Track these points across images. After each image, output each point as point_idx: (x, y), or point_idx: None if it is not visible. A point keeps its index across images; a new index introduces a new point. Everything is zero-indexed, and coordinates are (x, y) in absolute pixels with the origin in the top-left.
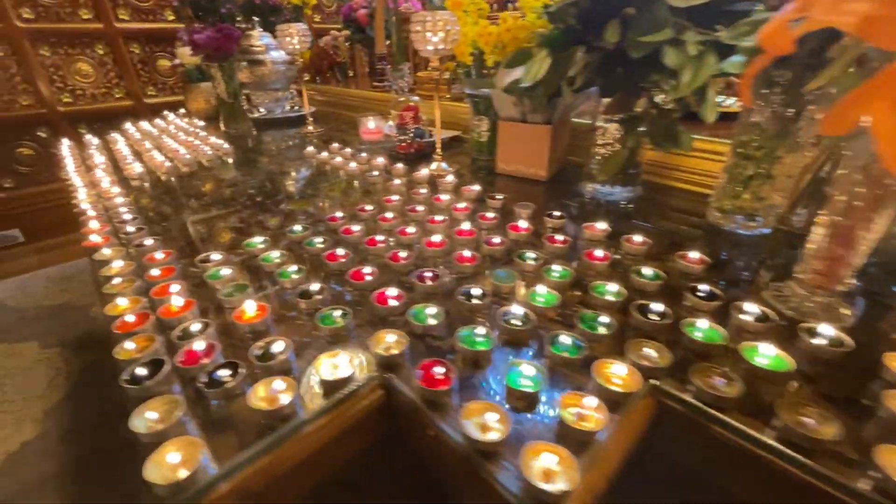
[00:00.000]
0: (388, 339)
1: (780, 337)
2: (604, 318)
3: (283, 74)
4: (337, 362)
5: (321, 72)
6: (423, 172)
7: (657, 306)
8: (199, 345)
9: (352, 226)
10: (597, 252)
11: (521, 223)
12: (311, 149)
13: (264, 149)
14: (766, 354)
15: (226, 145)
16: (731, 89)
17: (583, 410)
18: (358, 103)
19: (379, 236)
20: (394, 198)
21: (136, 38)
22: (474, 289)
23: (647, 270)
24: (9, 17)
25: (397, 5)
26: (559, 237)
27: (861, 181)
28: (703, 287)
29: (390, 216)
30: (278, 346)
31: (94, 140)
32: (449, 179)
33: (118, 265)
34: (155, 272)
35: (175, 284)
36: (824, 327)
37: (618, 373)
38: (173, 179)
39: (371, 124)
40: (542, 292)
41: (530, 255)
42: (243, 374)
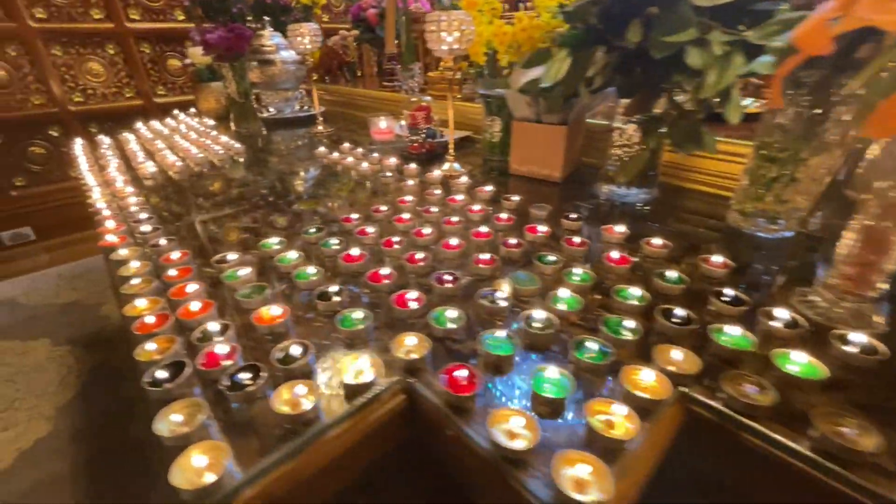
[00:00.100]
0: (409, 343)
1: (808, 344)
2: (628, 323)
3: (294, 74)
4: (358, 366)
5: (330, 71)
6: (436, 173)
7: (682, 311)
8: (221, 347)
9: (367, 227)
10: (616, 255)
11: (537, 225)
12: (323, 149)
13: (275, 148)
14: (797, 362)
15: (237, 145)
16: (746, 90)
17: (611, 417)
18: (367, 103)
19: (394, 237)
20: (407, 198)
21: (147, 37)
22: (497, 291)
23: (671, 274)
24: (22, 17)
25: (406, 5)
26: (577, 239)
27: None
28: (729, 291)
29: (406, 217)
30: (298, 350)
31: (106, 139)
32: (462, 180)
33: (135, 265)
34: (172, 272)
35: (192, 284)
36: (856, 334)
37: (646, 379)
38: (186, 179)
39: (382, 124)
40: (563, 296)
41: (550, 258)
42: (265, 378)
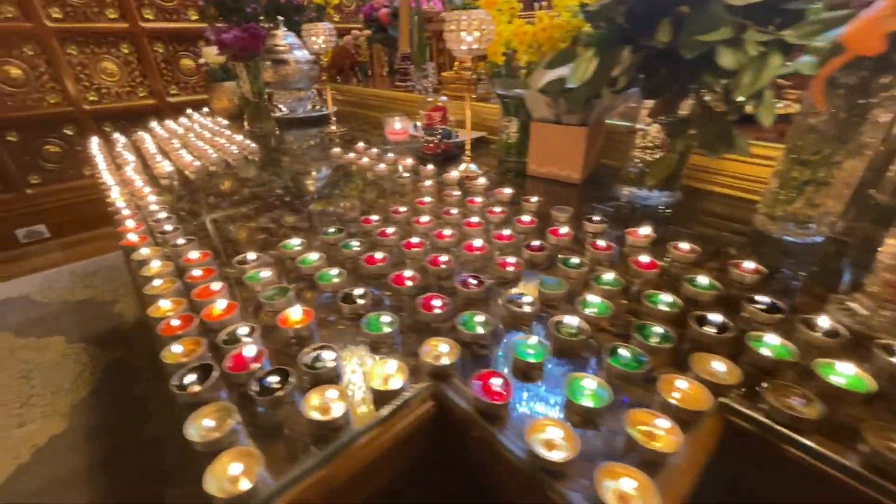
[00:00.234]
0: (440, 348)
1: (849, 353)
2: (661, 330)
3: (307, 74)
4: (386, 371)
5: (343, 71)
6: (454, 174)
7: (716, 318)
8: (248, 350)
9: (387, 228)
10: (643, 259)
11: (560, 227)
12: (337, 149)
13: (289, 148)
14: (844, 373)
15: (252, 145)
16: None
17: (652, 429)
18: (379, 103)
19: (415, 239)
20: (426, 199)
21: (160, 37)
22: (524, 295)
23: (702, 279)
24: (39, 17)
25: (419, 5)
26: (602, 243)
27: None
28: (764, 298)
29: (425, 219)
30: (328, 354)
31: (122, 138)
32: (480, 181)
33: (157, 266)
34: (195, 273)
35: (216, 285)
36: None
37: (684, 389)
38: (202, 179)
39: (397, 125)
40: (593, 301)
41: (574, 261)
42: (294, 383)
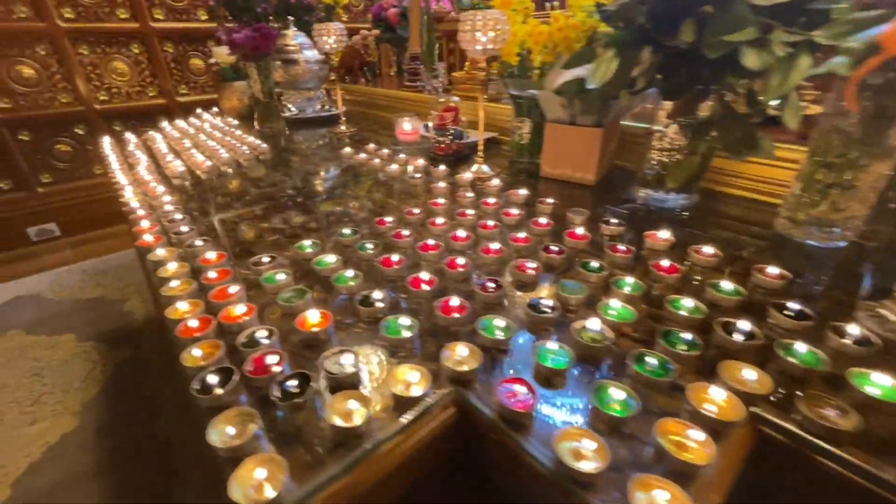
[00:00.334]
0: (461, 353)
1: (882, 362)
2: (687, 336)
3: (316, 74)
4: (408, 376)
5: (352, 71)
6: (467, 175)
7: (743, 325)
8: (268, 354)
9: (402, 230)
10: (665, 263)
11: (577, 230)
12: (348, 149)
13: (300, 149)
14: (880, 384)
15: (263, 145)
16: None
17: (683, 439)
18: (388, 103)
19: (430, 241)
20: (440, 201)
21: (170, 37)
22: (545, 300)
23: (726, 284)
24: (51, 17)
25: (429, 5)
26: (622, 246)
27: None
28: (792, 305)
29: (440, 221)
30: (348, 358)
31: (133, 138)
32: (494, 183)
33: (173, 267)
34: (211, 274)
35: (233, 287)
36: None
37: (715, 398)
38: (214, 179)
39: (407, 125)
40: (615, 306)
41: (594, 265)
42: (315, 388)
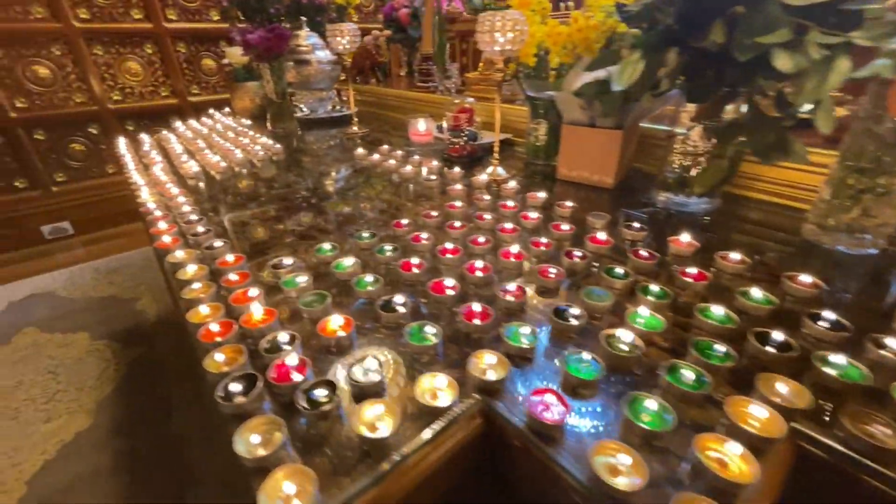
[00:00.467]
0: (488, 361)
1: None
2: (722, 348)
3: (328, 74)
4: (433, 385)
5: (363, 71)
6: (482, 177)
7: (778, 335)
8: (291, 360)
9: (420, 233)
10: (690, 269)
11: (599, 235)
12: (362, 150)
13: (313, 149)
14: None
15: (276, 145)
16: None
17: (723, 456)
18: (399, 104)
19: (449, 245)
20: (457, 204)
21: (183, 37)
22: (572, 308)
23: (756, 292)
24: (67, 18)
25: (440, 6)
26: (645, 252)
27: None
28: (828, 315)
29: (458, 224)
30: (373, 365)
31: (147, 138)
32: (511, 185)
33: (192, 269)
34: (232, 277)
35: (253, 290)
36: None
37: (755, 413)
38: (228, 179)
39: (421, 126)
40: (643, 314)
41: (619, 271)
42: (340, 397)
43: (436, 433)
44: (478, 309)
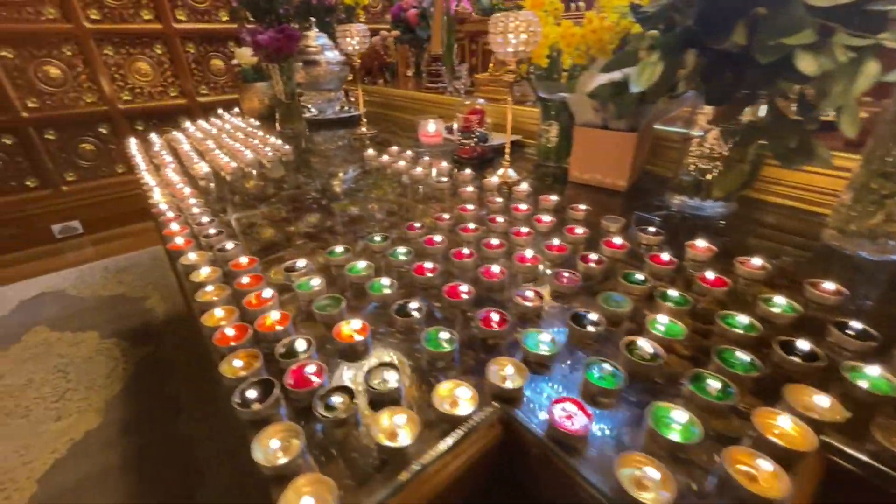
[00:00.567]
0: (507, 369)
1: None
2: (746, 357)
3: (337, 75)
4: (453, 392)
5: (371, 72)
6: (493, 180)
7: (803, 344)
8: (309, 366)
9: (434, 236)
10: (709, 275)
11: (615, 239)
12: (371, 151)
13: (322, 150)
14: None
15: (285, 146)
16: None
17: (751, 469)
18: (406, 104)
19: (465, 250)
20: (469, 206)
21: (192, 38)
22: (591, 314)
23: (779, 299)
24: (78, 18)
25: (449, 6)
26: (664, 257)
27: None
28: (855, 324)
29: (471, 227)
30: (391, 374)
31: (157, 139)
32: (523, 187)
33: (206, 272)
34: (245, 280)
35: (267, 291)
36: None
37: (783, 425)
38: (239, 180)
39: (431, 127)
40: (663, 321)
41: (637, 277)
42: (358, 404)
43: (456, 442)
44: (496, 318)
